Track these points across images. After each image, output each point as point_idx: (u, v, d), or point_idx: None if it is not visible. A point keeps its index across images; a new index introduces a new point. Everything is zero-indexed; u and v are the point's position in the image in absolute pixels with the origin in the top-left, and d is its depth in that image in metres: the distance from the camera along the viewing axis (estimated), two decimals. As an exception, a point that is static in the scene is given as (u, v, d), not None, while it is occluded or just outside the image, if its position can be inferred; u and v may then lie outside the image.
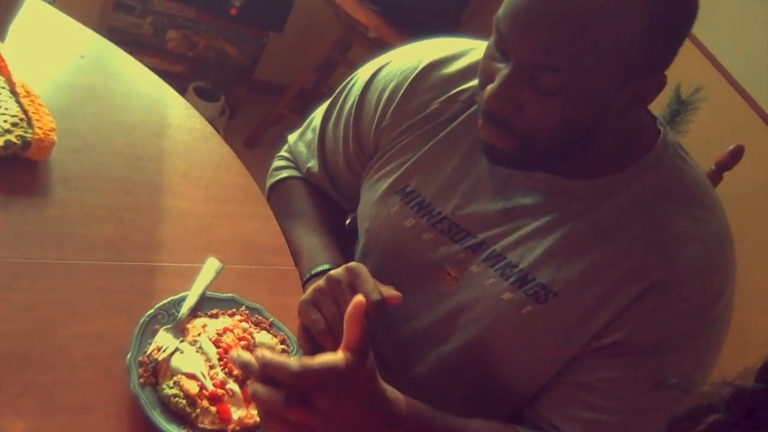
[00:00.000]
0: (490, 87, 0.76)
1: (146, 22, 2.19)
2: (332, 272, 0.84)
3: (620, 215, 0.83)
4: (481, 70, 0.80)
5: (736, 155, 1.06)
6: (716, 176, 1.17)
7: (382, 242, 0.94)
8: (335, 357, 0.66)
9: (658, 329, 0.80)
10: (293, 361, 0.66)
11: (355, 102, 0.98)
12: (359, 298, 0.68)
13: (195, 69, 2.35)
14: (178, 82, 2.14)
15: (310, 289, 0.85)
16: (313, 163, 1.04)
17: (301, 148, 1.06)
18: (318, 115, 1.06)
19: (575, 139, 0.79)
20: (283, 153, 1.11)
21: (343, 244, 1.00)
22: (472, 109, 0.89)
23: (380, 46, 2.07)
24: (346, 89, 1.01)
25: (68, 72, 1.04)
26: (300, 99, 2.51)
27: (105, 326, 0.76)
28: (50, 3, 1.25)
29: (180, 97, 1.11)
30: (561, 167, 0.84)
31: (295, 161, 1.08)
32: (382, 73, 0.97)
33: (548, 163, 0.83)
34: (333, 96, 1.04)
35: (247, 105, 2.52)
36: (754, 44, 1.61)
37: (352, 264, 0.84)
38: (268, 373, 0.65)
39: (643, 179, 0.83)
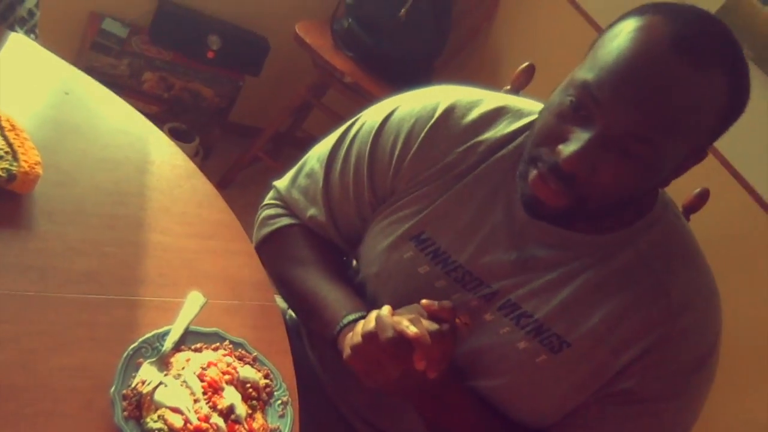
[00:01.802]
0: (567, 148, 0.77)
1: (123, 63, 2.21)
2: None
3: (628, 270, 0.87)
4: (546, 126, 0.81)
5: (702, 198, 1.11)
6: (685, 218, 1.21)
7: (392, 287, 0.94)
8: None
9: (663, 381, 0.86)
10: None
11: (368, 148, 0.96)
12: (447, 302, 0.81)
13: (170, 110, 2.36)
14: (153, 122, 2.14)
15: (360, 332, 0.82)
16: (315, 212, 1.01)
17: (297, 195, 1.04)
18: (313, 160, 1.03)
19: (621, 202, 0.83)
20: (271, 201, 1.08)
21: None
22: (490, 160, 0.91)
23: (356, 90, 2.12)
24: (351, 134, 1.00)
25: (53, 108, 1.05)
26: (274, 142, 2.53)
27: (88, 359, 0.75)
28: (33, 39, 1.26)
29: (163, 135, 1.12)
30: (576, 224, 0.87)
31: (289, 209, 1.06)
32: (395, 119, 0.96)
33: (579, 222, 0.86)
34: (333, 142, 1.01)
35: (222, 146, 2.53)
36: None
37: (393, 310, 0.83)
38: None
39: (647, 236, 0.87)
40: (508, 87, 1.20)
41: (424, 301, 0.83)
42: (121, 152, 1.03)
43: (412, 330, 0.76)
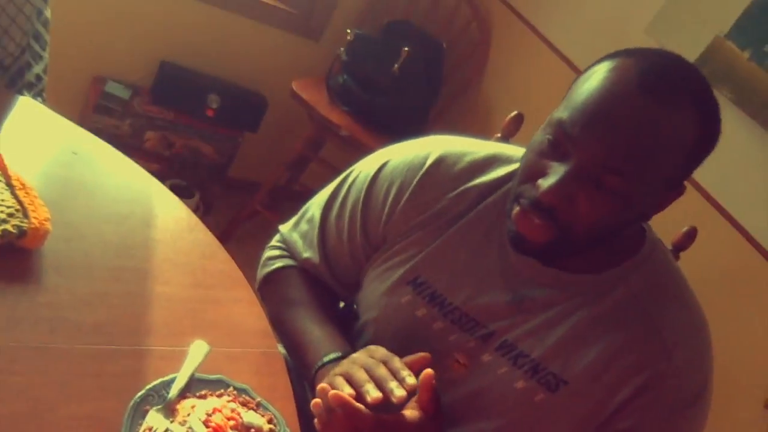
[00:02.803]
0: (545, 181, 0.81)
1: (125, 124, 2.27)
2: (354, 355, 0.86)
3: (620, 309, 0.89)
4: (528, 164, 0.85)
5: (690, 236, 1.14)
6: (674, 257, 1.24)
7: (392, 331, 0.96)
8: (413, 413, 0.80)
9: (661, 418, 0.88)
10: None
11: (362, 196, 1.01)
12: (429, 371, 0.80)
13: (171, 167, 2.41)
14: (154, 179, 2.20)
15: (339, 366, 0.85)
16: (311, 254, 1.06)
17: (296, 237, 1.09)
18: (313, 207, 1.09)
19: (603, 236, 0.86)
20: (275, 243, 1.14)
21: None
22: (481, 205, 0.94)
23: (352, 143, 2.17)
24: (348, 182, 1.04)
25: (61, 167, 1.09)
26: (273, 195, 2.58)
27: (97, 408, 0.77)
28: (41, 102, 1.31)
29: (166, 189, 1.16)
30: (567, 263, 0.90)
31: (289, 250, 1.10)
32: (388, 168, 1.00)
33: (566, 257, 0.89)
34: (332, 189, 1.07)
35: (222, 202, 2.58)
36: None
37: (370, 347, 0.86)
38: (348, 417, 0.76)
39: (638, 275, 0.90)
40: (499, 135, 1.25)
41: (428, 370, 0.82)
42: (127, 207, 1.06)
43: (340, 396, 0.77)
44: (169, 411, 0.79)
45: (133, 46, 2.28)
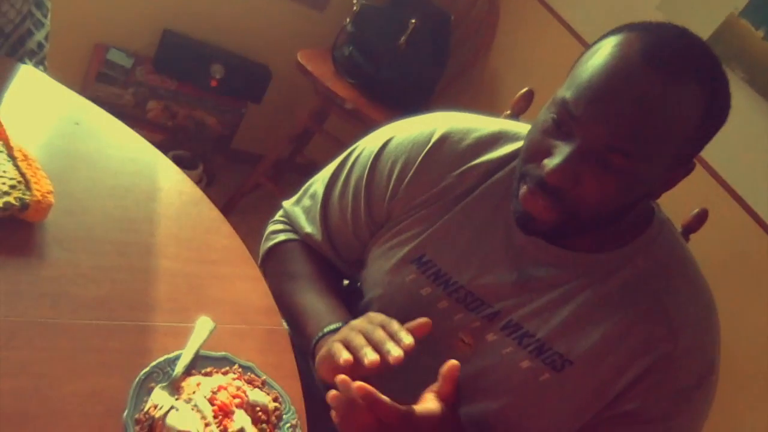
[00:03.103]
0: (550, 161, 0.79)
1: (128, 93, 2.24)
2: (353, 321, 0.86)
3: (627, 289, 0.88)
4: (533, 143, 0.83)
5: (701, 218, 1.12)
6: (685, 239, 1.23)
7: (396, 309, 0.94)
8: (435, 404, 0.80)
9: (667, 400, 0.87)
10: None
11: (366, 173, 1.00)
12: (454, 362, 0.80)
13: (174, 138, 2.39)
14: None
15: (338, 334, 0.85)
16: (312, 230, 1.05)
17: (299, 212, 1.09)
18: (317, 182, 1.08)
19: (611, 216, 0.84)
20: (278, 218, 1.13)
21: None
22: (487, 183, 0.93)
23: (357, 116, 2.15)
24: (351, 159, 1.03)
25: (64, 138, 1.07)
26: (276, 168, 2.56)
27: (100, 385, 0.76)
28: (42, 71, 1.29)
29: (170, 162, 1.14)
30: (573, 242, 0.89)
31: (291, 225, 1.10)
32: (393, 145, 0.99)
33: (573, 237, 0.88)
34: (335, 165, 1.05)
35: (225, 173, 2.56)
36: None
37: (370, 313, 0.86)
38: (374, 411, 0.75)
39: (645, 255, 0.89)
40: (508, 112, 1.23)
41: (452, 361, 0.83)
42: (131, 180, 1.05)
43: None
44: (174, 388, 0.78)
45: (135, 14, 2.25)
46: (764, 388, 1.53)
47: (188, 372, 0.81)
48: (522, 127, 0.97)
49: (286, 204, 1.12)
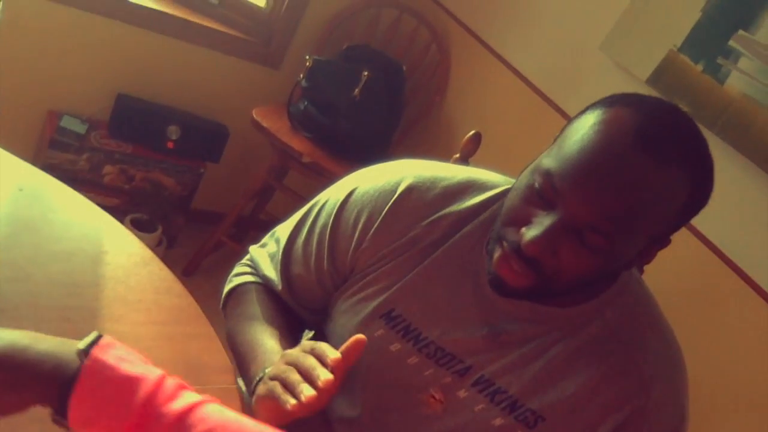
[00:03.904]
0: (529, 232, 0.78)
1: (82, 159, 2.22)
2: (287, 351, 0.83)
3: (597, 342, 0.88)
4: (512, 208, 0.82)
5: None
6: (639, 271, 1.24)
7: (365, 366, 0.92)
8: None
9: None
10: None
11: (331, 222, 0.98)
12: (360, 336, 0.79)
13: (131, 201, 2.37)
14: (114, 214, 2.11)
15: (273, 367, 0.82)
16: (274, 276, 1.03)
17: (263, 256, 1.07)
18: (281, 230, 1.06)
19: (584, 284, 0.84)
20: (244, 261, 1.11)
21: None
22: (457, 236, 0.91)
23: (316, 170, 2.15)
24: (316, 208, 1.02)
25: (6, 204, 1.05)
26: (238, 226, 2.54)
27: None
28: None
29: (118, 223, 1.12)
30: (544, 297, 0.88)
31: (254, 268, 1.08)
32: (358, 194, 0.97)
33: (545, 298, 0.87)
34: (301, 214, 1.04)
35: (185, 234, 2.53)
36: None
37: (303, 341, 0.84)
38: None
39: (613, 307, 0.89)
40: (457, 155, 1.24)
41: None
42: (76, 244, 1.03)
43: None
44: (121, 456, 0.75)
45: (88, 80, 2.25)
46: (727, 420, 1.52)
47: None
48: (490, 176, 0.97)
49: (252, 248, 1.11)
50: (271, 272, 1.04)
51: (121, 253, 1.06)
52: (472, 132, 1.23)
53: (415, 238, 0.92)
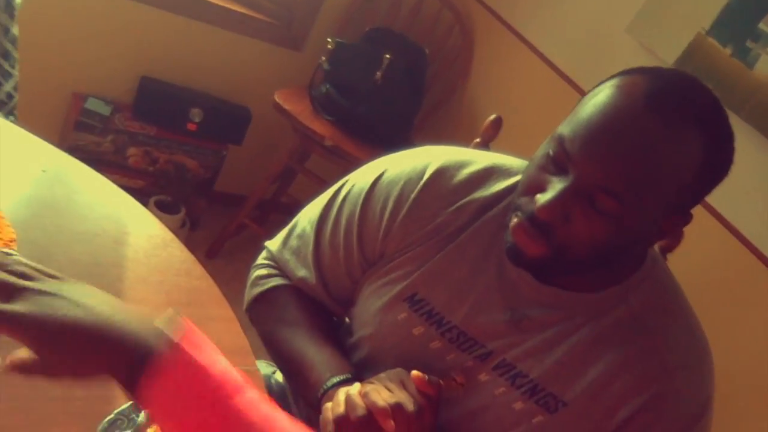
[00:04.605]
0: (542, 197, 0.79)
1: (107, 141, 2.24)
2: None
3: (621, 328, 0.87)
4: (528, 177, 0.83)
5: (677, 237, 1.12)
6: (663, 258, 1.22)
7: (387, 348, 0.93)
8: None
9: None
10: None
11: (358, 210, 0.97)
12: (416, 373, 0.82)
13: (155, 183, 2.39)
14: (138, 196, 2.15)
15: (359, 387, 0.84)
16: (305, 273, 1.01)
17: (288, 255, 1.04)
18: (304, 221, 1.03)
19: (600, 258, 0.83)
20: (263, 261, 1.08)
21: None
22: (480, 220, 0.91)
23: (337, 153, 2.15)
24: (341, 196, 1.00)
25: (30, 185, 1.06)
26: (260, 209, 2.56)
27: (63, 434, 0.75)
28: (12, 121, 1.29)
29: (139, 205, 1.13)
30: (566, 281, 0.88)
31: (280, 269, 1.05)
32: (384, 180, 0.96)
33: (563, 276, 0.87)
34: (323, 204, 1.02)
35: (208, 217, 2.55)
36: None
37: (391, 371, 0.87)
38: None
39: (638, 293, 0.88)
40: (478, 140, 1.23)
41: (414, 372, 0.84)
42: (97, 225, 1.04)
43: (380, 404, 0.78)
44: (140, 435, 0.77)
45: (113, 62, 2.26)
46: (753, 412, 1.50)
47: (153, 418, 0.79)
48: (514, 161, 0.96)
49: (272, 246, 1.07)
50: (302, 270, 1.02)
51: (142, 234, 1.07)
52: (493, 116, 1.21)
53: (441, 225, 0.92)
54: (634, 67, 0.82)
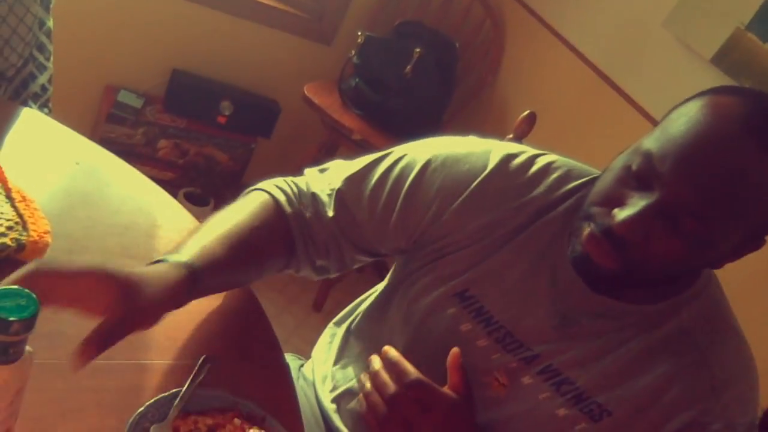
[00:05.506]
0: (622, 212, 0.77)
1: (138, 133, 2.26)
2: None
3: (671, 341, 0.86)
4: (606, 188, 0.81)
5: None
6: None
7: (432, 341, 0.92)
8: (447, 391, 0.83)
9: None
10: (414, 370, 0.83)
11: (411, 178, 0.94)
12: (456, 349, 0.85)
13: (185, 175, 2.41)
14: (168, 188, 2.16)
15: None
16: (326, 200, 0.97)
17: (319, 178, 1.00)
18: (344, 165, 1.01)
19: (669, 276, 0.82)
20: (289, 180, 1.02)
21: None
22: (539, 222, 0.90)
23: (365, 147, 2.14)
24: (393, 157, 0.97)
25: (64, 178, 1.07)
26: (288, 201, 2.56)
27: (95, 425, 0.75)
28: (47, 113, 1.30)
29: (171, 198, 1.14)
30: (619, 292, 0.86)
31: (297, 184, 1.00)
32: (446, 161, 0.94)
33: (623, 288, 0.86)
34: (372, 158, 0.98)
35: (237, 209, 2.56)
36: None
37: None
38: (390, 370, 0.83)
39: (691, 308, 0.87)
40: (511, 136, 1.21)
41: (455, 349, 0.87)
42: (130, 217, 1.04)
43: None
44: (170, 428, 0.77)
45: (144, 55, 2.28)
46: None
47: (185, 411, 0.79)
48: (571, 162, 0.95)
49: (309, 170, 1.02)
50: (325, 196, 0.97)
51: (173, 227, 1.07)
52: (527, 112, 1.20)
53: (499, 220, 0.91)
54: (723, 86, 0.80)
